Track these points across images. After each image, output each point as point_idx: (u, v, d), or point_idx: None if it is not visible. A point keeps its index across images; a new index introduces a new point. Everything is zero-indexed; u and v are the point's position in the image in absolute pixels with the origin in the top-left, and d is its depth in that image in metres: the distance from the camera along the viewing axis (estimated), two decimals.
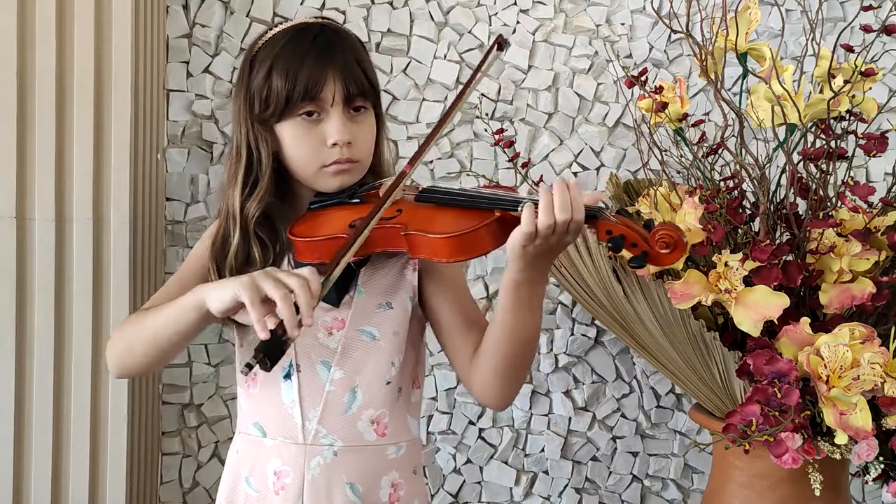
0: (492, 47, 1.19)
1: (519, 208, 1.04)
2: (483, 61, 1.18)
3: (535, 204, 1.03)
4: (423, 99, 1.94)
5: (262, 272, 1.04)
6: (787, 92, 1.44)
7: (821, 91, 1.47)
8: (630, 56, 1.99)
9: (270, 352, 0.99)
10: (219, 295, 1.05)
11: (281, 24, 1.24)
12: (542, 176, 1.92)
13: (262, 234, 1.21)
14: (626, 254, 1.04)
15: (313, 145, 1.19)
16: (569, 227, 1.03)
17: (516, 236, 1.04)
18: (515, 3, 1.97)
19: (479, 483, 1.99)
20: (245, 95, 1.21)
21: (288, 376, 1.20)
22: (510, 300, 1.11)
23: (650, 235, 1.02)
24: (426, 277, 1.25)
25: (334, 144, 1.18)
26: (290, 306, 1.00)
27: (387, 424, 1.21)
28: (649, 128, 1.65)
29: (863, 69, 1.42)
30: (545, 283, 1.13)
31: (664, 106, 1.58)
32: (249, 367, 0.99)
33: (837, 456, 1.36)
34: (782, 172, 1.55)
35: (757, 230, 1.50)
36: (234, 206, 1.21)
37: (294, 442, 1.18)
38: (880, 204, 1.46)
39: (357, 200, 1.20)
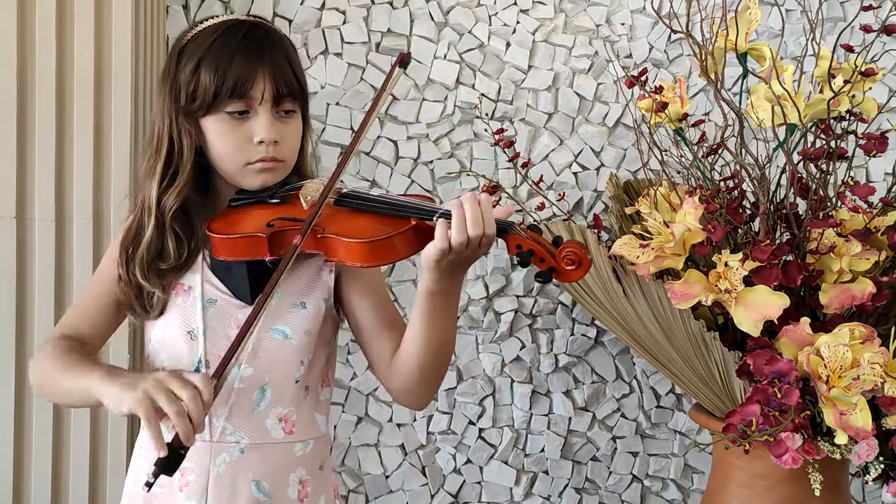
0: (394, 65, 1.21)
1: (434, 218, 1.06)
2: (387, 80, 1.21)
3: (448, 216, 1.06)
4: (423, 99, 1.94)
5: (155, 383, 1.02)
6: (787, 92, 1.44)
7: (821, 91, 1.47)
8: (630, 56, 1.99)
9: (170, 465, 1.00)
10: (116, 404, 1.05)
11: (210, 18, 1.23)
12: (542, 176, 1.92)
13: (178, 228, 1.19)
14: (533, 268, 1.07)
15: (239, 142, 1.17)
16: (481, 242, 1.05)
17: (430, 251, 1.06)
18: (515, 3, 1.97)
19: (479, 483, 1.99)
20: (171, 87, 1.19)
21: (196, 372, 1.17)
22: (426, 308, 1.12)
23: (557, 252, 1.05)
24: (344, 279, 1.25)
25: (260, 142, 1.17)
26: (185, 420, 1.00)
27: (294, 422, 1.20)
28: (649, 128, 1.65)
29: (863, 69, 1.42)
30: (459, 292, 1.15)
31: (664, 106, 1.58)
32: (149, 484, 1.01)
33: (837, 456, 1.36)
34: (782, 172, 1.55)
35: (757, 230, 1.50)
36: (151, 198, 1.19)
37: (200, 439, 1.12)
38: (880, 204, 1.46)
39: (277, 200, 1.19)
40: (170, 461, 1.00)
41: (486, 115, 1.95)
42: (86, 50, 1.63)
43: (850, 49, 1.44)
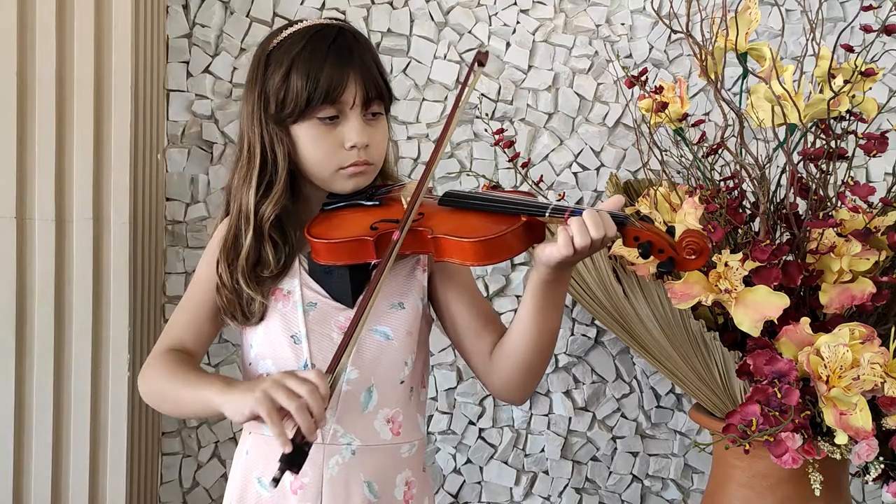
0: (473, 63, 1.22)
1: (546, 213, 1.07)
2: (467, 78, 1.21)
3: (561, 213, 1.06)
4: (423, 99, 1.95)
5: (272, 382, 1.05)
6: (787, 92, 1.44)
7: (821, 91, 1.47)
8: (630, 56, 1.99)
9: (295, 460, 1.01)
10: (236, 410, 1.07)
11: (294, 24, 1.23)
12: (541, 176, 1.92)
13: (275, 236, 1.21)
14: (652, 259, 1.07)
15: (331, 147, 1.18)
16: (603, 242, 1.06)
17: (553, 254, 1.07)
18: (515, 3, 1.97)
19: (479, 483, 1.99)
20: (259, 95, 1.20)
21: (309, 370, 1.19)
22: (537, 300, 1.13)
23: (677, 242, 1.05)
24: (438, 278, 1.26)
25: (352, 147, 1.18)
26: (306, 415, 1.02)
27: (401, 423, 1.22)
28: (649, 128, 1.65)
29: (863, 69, 1.42)
30: (568, 282, 1.17)
31: (664, 106, 1.58)
32: (276, 481, 1.02)
33: (837, 456, 1.36)
34: (782, 172, 1.55)
35: (757, 230, 1.50)
36: (249, 208, 1.20)
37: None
38: (880, 204, 1.46)
39: (376, 202, 1.20)
40: (294, 457, 1.01)
41: (486, 115, 1.95)
42: (86, 50, 1.63)
43: (850, 49, 1.44)
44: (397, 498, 1.21)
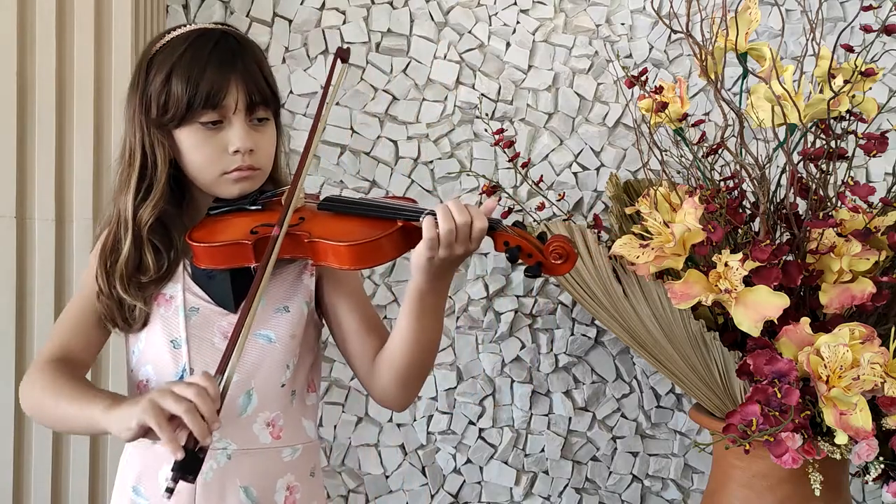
0: (335, 61, 1.22)
1: (420, 218, 1.07)
2: (329, 76, 1.21)
3: (433, 215, 1.07)
4: (423, 99, 1.95)
5: (158, 391, 1.01)
6: (787, 92, 1.44)
7: (821, 91, 1.47)
8: (630, 56, 1.99)
9: (190, 467, 0.98)
10: (124, 426, 1.02)
11: (178, 28, 1.21)
12: (542, 176, 1.92)
13: (156, 241, 1.18)
14: (521, 263, 1.09)
15: (214, 152, 1.16)
16: (471, 234, 1.06)
17: (420, 248, 1.07)
18: (515, 3, 1.97)
19: (479, 483, 1.99)
20: (141, 99, 1.17)
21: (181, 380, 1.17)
22: (415, 308, 1.13)
23: (544, 247, 1.07)
24: (325, 283, 1.25)
25: (236, 152, 1.16)
26: (197, 417, 0.98)
27: (282, 427, 1.19)
28: (649, 128, 1.65)
29: (863, 69, 1.42)
30: (447, 292, 1.16)
31: (664, 106, 1.58)
32: (170, 491, 0.98)
33: (837, 456, 1.36)
34: (782, 172, 1.55)
35: (757, 230, 1.50)
36: (127, 212, 1.17)
37: None
38: (880, 204, 1.46)
39: (258, 207, 1.19)
40: (188, 464, 0.98)
41: (486, 115, 1.95)
42: (86, 50, 1.63)
43: (850, 49, 1.44)
44: (278, 503, 1.19)
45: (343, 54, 1.23)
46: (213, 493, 1.15)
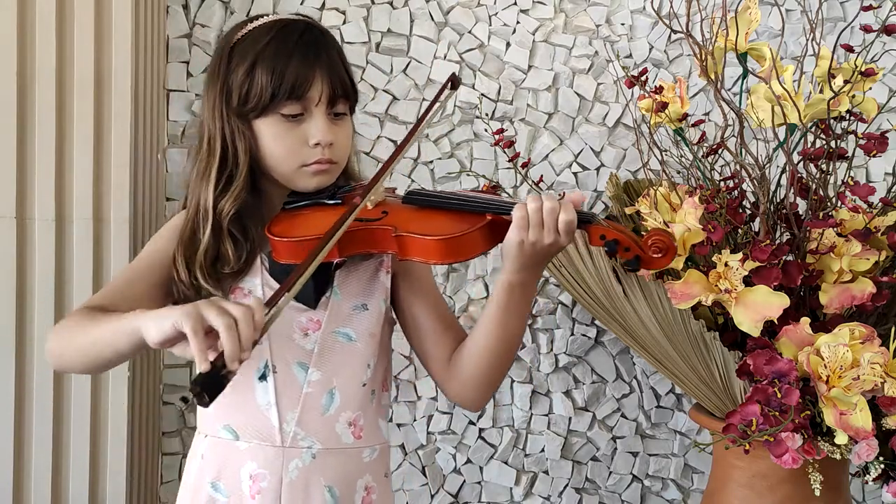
0: (445, 85, 1.22)
1: (511, 212, 1.06)
2: (437, 97, 1.22)
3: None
4: (423, 99, 1.94)
5: (206, 301, 0.97)
6: (787, 92, 1.44)
7: (821, 91, 1.47)
8: (630, 56, 1.99)
9: (210, 386, 0.92)
10: (158, 324, 0.97)
11: (260, 17, 1.20)
12: (541, 176, 1.92)
13: (236, 232, 1.18)
14: (619, 258, 1.08)
15: (294, 144, 1.16)
16: (558, 225, 1.05)
17: (512, 235, 1.05)
18: (515, 3, 1.97)
19: (479, 483, 1.99)
20: (222, 88, 1.17)
21: (263, 378, 1.17)
22: (502, 301, 1.12)
23: (643, 240, 1.06)
24: (400, 280, 1.24)
25: (316, 144, 1.16)
26: (234, 337, 0.93)
27: (362, 427, 1.20)
28: (649, 128, 1.65)
29: (863, 69, 1.42)
30: (536, 289, 1.15)
31: (664, 106, 1.58)
32: (185, 400, 0.96)
33: (837, 456, 1.36)
34: (782, 172, 1.55)
35: (757, 230, 1.50)
36: (207, 203, 1.17)
37: (271, 444, 1.15)
38: (880, 204, 1.46)
39: (338, 201, 1.18)
40: (209, 381, 0.92)
41: (486, 115, 1.95)
42: (86, 50, 1.63)
43: (850, 49, 1.44)
44: (356, 503, 1.19)
45: (455, 81, 1.23)
46: (298, 491, 1.15)
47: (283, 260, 1.14)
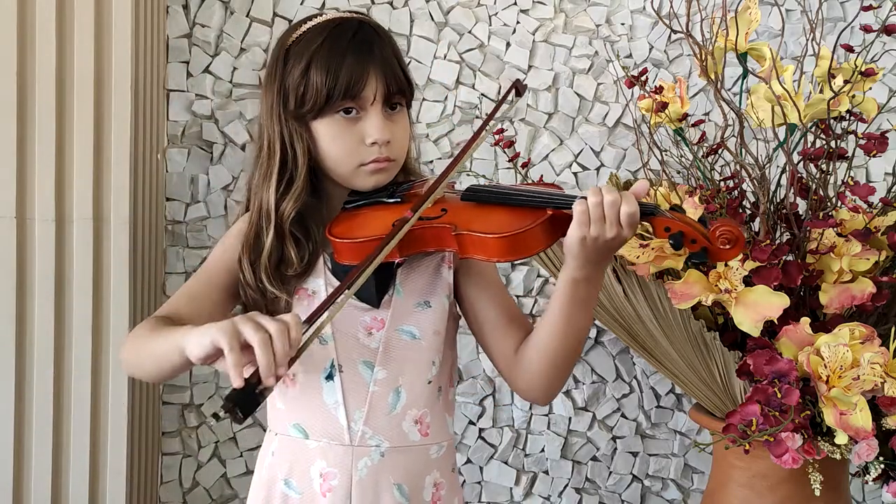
0: (509, 91, 1.21)
1: (572, 206, 1.03)
2: (500, 103, 1.21)
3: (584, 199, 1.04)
4: (423, 99, 1.94)
5: (243, 316, 0.97)
6: (787, 92, 1.44)
7: (821, 91, 1.46)
8: (630, 56, 1.99)
9: (244, 402, 0.92)
10: (198, 341, 0.98)
11: (314, 17, 1.21)
12: (542, 176, 1.92)
13: (298, 234, 1.19)
14: (685, 250, 1.04)
15: (351, 143, 1.16)
16: (620, 218, 1.03)
17: (573, 231, 1.04)
18: (515, 3, 1.97)
19: (479, 483, 1.99)
20: (279, 90, 1.18)
21: (330, 377, 1.18)
22: (567, 297, 1.11)
23: (710, 232, 1.02)
24: (463, 275, 1.24)
25: (373, 143, 1.16)
26: (269, 353, 0.94)
27: (429, 424, 1.20)
28: (649, 128, 1.65)
29: (863, 69, 1.42)
30: (601, 283, 1.13)
31: (664, 106, 1.58)
32: (218, 417, 0.96)
33: (837, 456, 1.36)
34: (782, 172, 1.55)
35: (757, 230, 1.50)
36: (269, 205, 1.18)
37: (340, 443, 1.17)
38: (880, 204, 1.46)
39: (397, 200, 1.18)
40: (242, 398, 0.92)
41: (486, 115, 1.95)
42: (86, 50, 1.63)
43: (850, 49, 1.44)
44: (425, 500, 1.20)
45: (520, 88, 1.22)
46: (368, 490, 1.16)
47: (344, 261, 1.14)
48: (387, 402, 1.18)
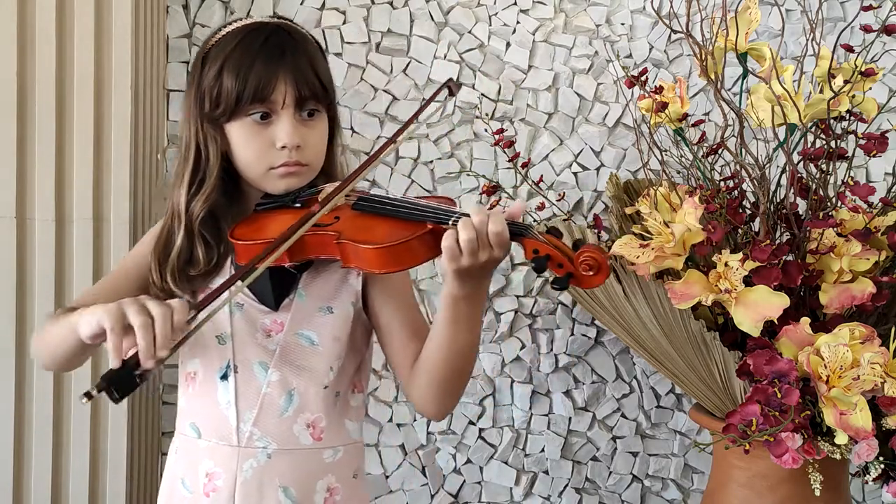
0: (439, 90, 1.21)
1: (450, 222, 1.03)
2: (428, 102, 1.21)
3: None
4: (423, 99, 1.94)
5: (131, 299, 0.99)
6: (787, 92, 1.44)
7: (821, 91, 1.47)
8: (630, 56, 1.99)
9: (119, 381, 0.94)
10: (87, 320, 1.01)
11: (234, 22, 1.21)
12: (541, 176, 1.92)
13: (207, 234, 1.19)
14: (549, 274, 1.03)
15: (262, 147, 1.17)
16: (490, 241, 1.02)
17: (445, 262, 1.04)
18: (515, 3, 1.97)
19: (479, 483, 1.99)
20: (196, 93, 1.19)
21: (225, 377, 1.18)
22: (448, 314, 1.10)
23: (575, 256, 1.01)
24: (370, 284, 1.23)
25: (283, 147, 1.16)
26: (149, 335, 0.96)
27: (323, 428, 1.19)
28: (649, 128, 1.65)
29: (863, 69, 1.42)
30: (484, 298, 1.13)
31: (664, 106, 1.58)
32: (89, 395, 0.95)
33: (837, 456, 1.36)
34: (782, 172, 1.55)
35: (757, 230, 1.50)
36: (180, 205, 1.19)
37: (228, 444, 1.17)
38: (880, 204, 1.46)
39: (298, 205, 1.17)
40: (120, 378, 0.94)
41: (486, 115, 1.95)
42: (86, 50, 1.63)
43: (850, 49, 1.44)
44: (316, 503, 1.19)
45: (453, 87, 1.23)
46: (252, 491, 1.16)
47: (242, 262, 1.14)
48: (278, 405, 1.17)
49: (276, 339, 1.19)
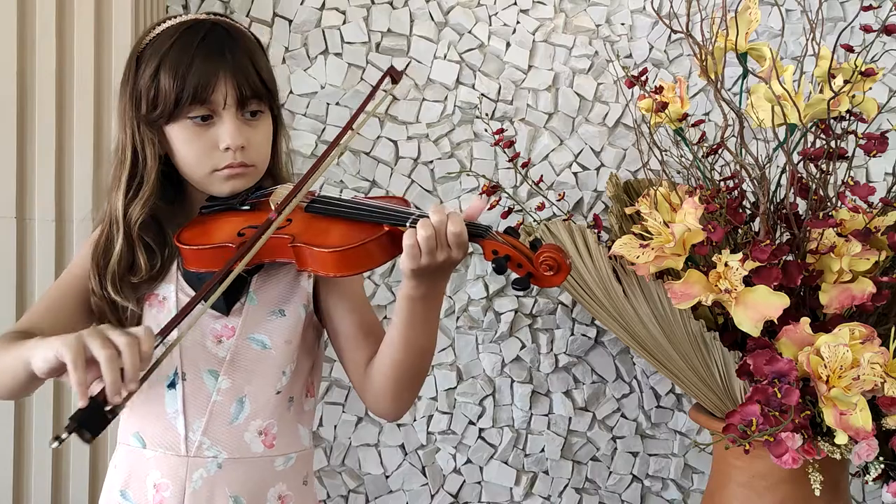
0: (382, 78, 1.19)
1: (407, 223, 1.02)
2: (373, 91, 1.18)
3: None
4: (423, 99, 1.94)
5: (92, 329, 0.93)
6: (787, 92, 1.44)
7: (821, 91, 1.47)
8: (630, 56, 1.99)
9: (90, 421, 0.89)
10: (43, 355, 0.94)
11: (168, 20, 1.17)
12: (542, 176, 1.92)
13: (149, 240, 1.15)
14: (510, 274, 1.03)
15: (204, 149, 1.13)
16: (449, 241, 1.01)
17: (404, 261, 1.02)
18: (515, 3, 1.97)
19: (479, 483, 1.99)
20: (131, 94, 1.15)
21: (172, 385, 1.14)
22: (405, 314, 1.08)
23: (535, 257, 1.00)
24: (322, 285, 1.20)
25: (227, 148, 1.13)
26: (115, 370, 0.90)
27: (275, 435, 1.16)
28: (649, 128, 1.65)
29: (863, 69, 1.42)
30: (441, 299, 1.11)
31: (664, 106, 1.58)
32: (59, 439, 0.90)
33: (837, 456, 1.36)
34: (782, 172, 1.55)
35: (757, 230, 1.50)
36: (117, 211, 1.15)
37: (175, 454, 1.13)
38: (880, 204, 1.46)
39: (247, 207, 1.15)
40: (88, 416, 0.89)
41: (486, 115, 1.95)
42: (86, 50, 1.63)
43: (850, 49, 1.44)
44: None
45: (395, 75, 1.20)
46: (201, 501, 1.13)
47: (190, 267, 1.12)
48: (229, 412, 1.14)
49: (226, 345, 1.15)
